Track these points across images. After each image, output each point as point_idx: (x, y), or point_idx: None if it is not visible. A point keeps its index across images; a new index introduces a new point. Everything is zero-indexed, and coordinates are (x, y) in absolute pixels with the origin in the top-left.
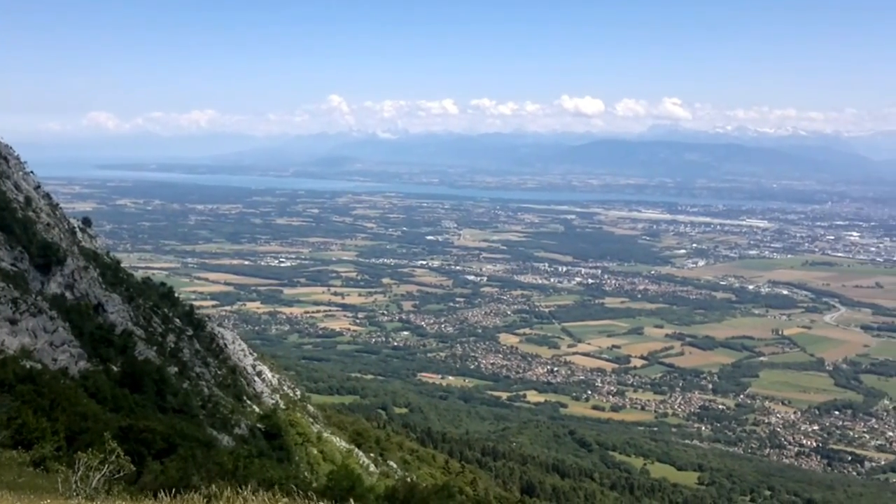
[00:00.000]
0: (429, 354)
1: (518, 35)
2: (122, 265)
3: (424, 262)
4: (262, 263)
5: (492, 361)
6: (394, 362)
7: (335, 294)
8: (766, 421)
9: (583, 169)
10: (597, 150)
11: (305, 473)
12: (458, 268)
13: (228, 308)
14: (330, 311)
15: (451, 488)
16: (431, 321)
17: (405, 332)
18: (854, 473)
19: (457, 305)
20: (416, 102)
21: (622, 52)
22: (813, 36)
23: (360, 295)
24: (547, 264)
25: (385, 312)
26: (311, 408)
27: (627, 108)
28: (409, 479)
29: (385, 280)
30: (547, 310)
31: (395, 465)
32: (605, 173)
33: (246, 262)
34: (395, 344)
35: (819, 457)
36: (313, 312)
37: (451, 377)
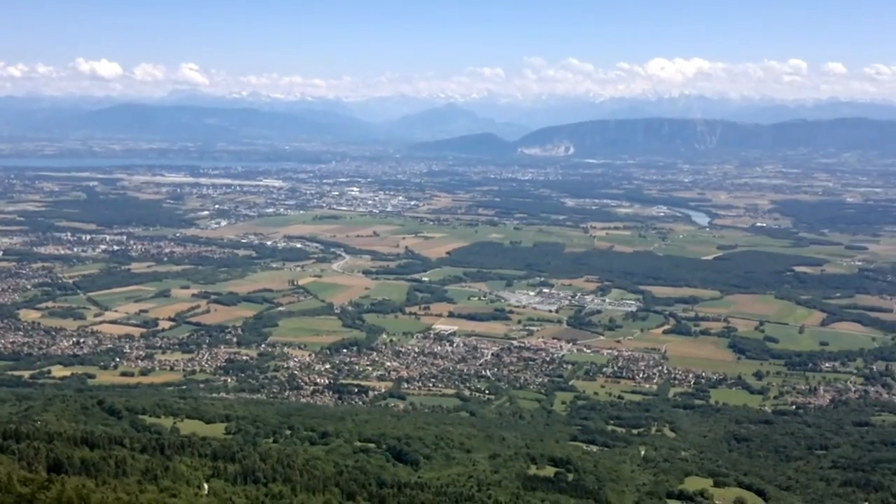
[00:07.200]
0: None
1: None
2: None
3: None
4: None
5: (11, 340)
6: None
7: None
8: (286, 366)
9: (103, 134)
10: (117, 115)
11: None
12: None
13: None
14: None
15: None
16: None
17: None
18: (360, 403)
19: None
20: None
21: (137, 15)
22: (315, 6)
23: None
24: (70, 234)
25: None
26: None
27: (146, 72)
28: None
29: None
30: (71, 280)
31: None
32: (127, 138)
33: None
34: None
35: (331, 392)
36: None
37: None
